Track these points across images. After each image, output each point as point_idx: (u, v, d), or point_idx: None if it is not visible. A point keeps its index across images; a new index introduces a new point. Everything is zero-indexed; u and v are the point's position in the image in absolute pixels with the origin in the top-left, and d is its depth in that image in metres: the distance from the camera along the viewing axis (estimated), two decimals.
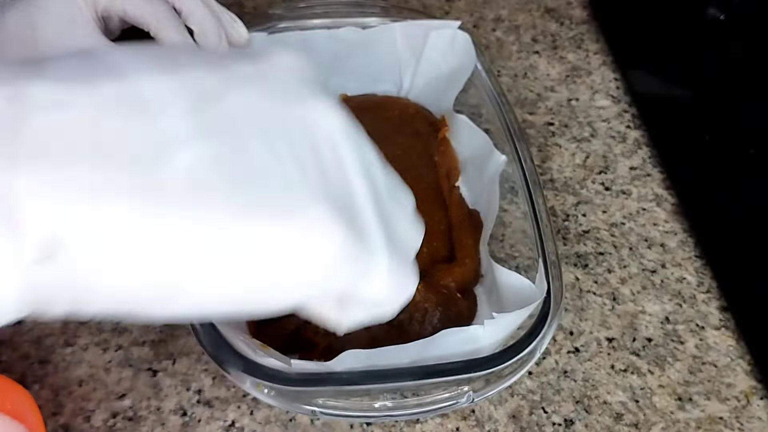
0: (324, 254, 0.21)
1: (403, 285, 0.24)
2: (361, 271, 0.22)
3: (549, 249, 0.37)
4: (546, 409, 0.38)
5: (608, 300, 0.43)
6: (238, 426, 0.37)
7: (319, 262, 0.21)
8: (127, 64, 0.21)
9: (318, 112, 0.23)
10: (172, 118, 0.20)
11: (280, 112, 0.22)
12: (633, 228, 0.47)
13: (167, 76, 0.21)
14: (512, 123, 0.43)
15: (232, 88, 0.21)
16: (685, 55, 0.57)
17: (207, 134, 0.20)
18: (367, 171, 0.23)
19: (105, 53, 0.21)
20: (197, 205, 0.19)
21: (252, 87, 0.22)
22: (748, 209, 0.47)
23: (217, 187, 0.20)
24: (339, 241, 0.21)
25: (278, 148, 0.21)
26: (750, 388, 0.39)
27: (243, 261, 0.20)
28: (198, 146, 0.20)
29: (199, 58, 0.23)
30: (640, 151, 0.51)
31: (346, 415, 0.34)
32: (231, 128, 0.21)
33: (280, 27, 0.48)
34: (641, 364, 0.40)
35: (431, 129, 0.48)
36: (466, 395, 0.33)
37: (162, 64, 0.21)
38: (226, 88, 0.21)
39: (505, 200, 0.41)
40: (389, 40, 0.48)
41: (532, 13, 0.62)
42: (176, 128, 0.20)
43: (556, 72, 0.57)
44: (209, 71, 0.22)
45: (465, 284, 0.40)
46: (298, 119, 0.22)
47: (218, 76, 0.22)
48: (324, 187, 0.21)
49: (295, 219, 0.20)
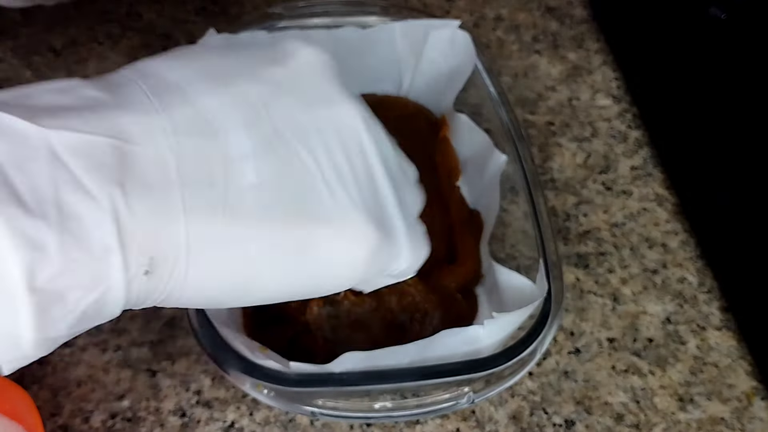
0: (362, 251, 0.24)
1: (420, 251, 0.28)
2: (392, 257, 0.26)
3: (550, 249, 0.37)
4: (547, 410, 0.38)
5: (609, 300, 0.43)
6: (238, 427, 0.37)
7: (359, 257, 0.25)
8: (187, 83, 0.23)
9: (344, 111, 0.26)
10: (236, 136, 0.23)
11: (316, 116, 0.25)
12: (634, 228, 0.47)
13: (221, 93, 0.23)
14: (513, 123, 0.43)
15: (273, 97, 0.24)
16: (686, 54, 0.57)
17: (265, 150, 0.23)
18: (385, 161, 0.26)
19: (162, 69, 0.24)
20: (264, 217, 0.22)
21: (288, 93, 0.25)
22: (749, 209, 0.47)
23: (278, 200, 0.23)
24: (374, 239, 0.25)
25: (319, 157, 0.24)
26: (751, 388, 0.39)
27: (300, 260, 0.24)
28: (259, 163, 0.23)
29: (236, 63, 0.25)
30: (641, 150, 0.51)
31: (346, 415, 0.33)
32: (281, 141, 0.23)
33: (279, 26, 0.48)
34: (642, 364, 0.40)
35: (431, 129, 0.48)
36: (467, 396, 0.33)
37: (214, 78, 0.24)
38: (267, 97, 0.24)
39: (506, 200, 0.41)
40: (389, 40, 0.48)
41: (532, 12, 0.62)
42: (240, 146, 0.23)
43: (556, 71, 0.56)
44: (249, 80, 0.24)
45: (465, 284, 0.40)
46: (329, 121, 0.25)
47: (258, 85, 0.24)
48: (358, 191, 0.25)
49: (339, 224, 0.24)
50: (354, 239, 0.24)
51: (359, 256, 0.25)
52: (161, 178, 0.21)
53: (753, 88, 0.54)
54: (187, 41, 0.56)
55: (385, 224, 0.25)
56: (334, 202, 0.24)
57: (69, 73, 0.54)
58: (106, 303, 0.21)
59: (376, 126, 0.27)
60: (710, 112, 0.53)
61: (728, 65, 0.56)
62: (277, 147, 0.23)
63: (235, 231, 0.22)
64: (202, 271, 0.22)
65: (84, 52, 0.55)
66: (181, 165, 0.21)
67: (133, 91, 0.23)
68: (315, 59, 0.26)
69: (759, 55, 0.56)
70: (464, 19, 0.60)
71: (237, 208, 0.22)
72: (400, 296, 0.38)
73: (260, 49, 0.27)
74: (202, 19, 0.58)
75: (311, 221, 0.23)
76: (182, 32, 0.57)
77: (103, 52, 0.55)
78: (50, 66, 0.54)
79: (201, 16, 0.59)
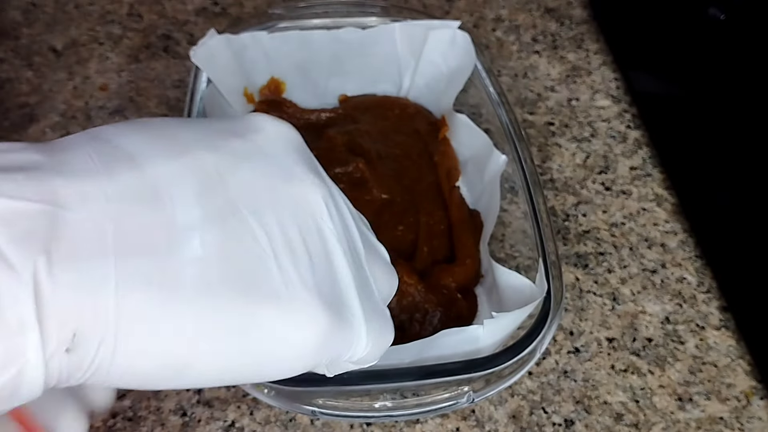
0: (311, 335, 0.23)
1: (382, 339, 0.26)
2: (346, 344, 0.24)
3: (549, 249, 0.37)
4: (546, 410, 0.38)
5: (608, 300, 0.43)
6: (238, 426, 0.37)
7: (307, 342, 0.23)
8: (138, 150, 0.22)
9: (305, 189, 0.24)
10: (184, 206, 0.21)
11: (274, 191, 0.23)
12: (633, 228, 0.47)
13: (174, 161, 0.22)
14: (512, 123, 0.43)
15: (231, 168, 0.23)
16: (686, 55, 0.57)
17: (213, 221, 0.21)
18: (348, 242, 0.25)
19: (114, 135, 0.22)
20: (206, 294, 0.21)
21: (247, 165, 0.23)
22: (748, 209, 0.47)
23: (224, 276, 0.21)
24: (325, 323, 0.23)
25: (273, 234, 0.23)
26: (750, 388, 0.39)
27: (243, 342, 0.22)
28: (206, 235, 0.21)
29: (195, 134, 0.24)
30: (640, 151, 0.51)
31: (346, 415, 0.34)
32: (234, 213, 0.22)
33: (280, 27, 0.48)
34: (641, 364, 0.40)
35: (431, 129, 0.48)
36: (466, 395, 0.33)
37: (168, 146, 0.22)
38: (225, 168, 0.23)
39: (505, 200, 0.41)
40: (389, 40, 0.48)
41: (532, 12, 0.62)
42: (187, 216, 0.21)
43: (556, 72, 0.57)
44: (207, 150, 0.23)
45: (465, 284, 0.40)
46: (289, 197, 0.24)
47: (217, 155, 0.23)
48: (312, 272, 0.23)
49: (287, 305, 0.22)
50: (303, 322, 0.22)
51: (308, 341, 0.23)
52: (94, 247, 0.19)
53: (752, 88, 0.54)
54: (187, 41, 0.57)
55: (340, 308, 0.24)
56: (283, 282, 0.22)
57: (70, 74, 0.54)
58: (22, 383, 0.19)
59: (340, 206, 0.26)
60: (709, 113, 0.53)
61: (727, 65, 0.56)
62: (228, 220, 0.22)
63: (171, 307, 0.20)
64: (133, 350, 0.20)
65: (85, 53, 0.55)
66: (118, 234, 0.20)
67: (77, 155, 0.21)
68: (281, 135, 0.25)
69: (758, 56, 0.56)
70: (464, 19, 0.60)
71: (176, 282, 0.20)
72: (400, 296, 0.38)
73: (224, 122, 0.26)
74: (203, 20, 0.59)
75: (257, 300, 0.22)
76: (182, 33, 0.58)
77: (104, 52, 0.56)
78: (51, 66, 0.54)
79: (201, 17, 0.59)
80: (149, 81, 0.54)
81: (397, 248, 0.41)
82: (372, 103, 0.50)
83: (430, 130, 0.48)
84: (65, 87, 0.53)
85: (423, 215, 0.43)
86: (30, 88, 0.53)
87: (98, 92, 0.53)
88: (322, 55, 0.48)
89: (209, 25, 0.42)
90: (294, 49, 0.48)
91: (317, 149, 0.45)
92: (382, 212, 0.43)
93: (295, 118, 0.49)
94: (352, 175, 0.44)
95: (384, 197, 0.43)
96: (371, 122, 0.48)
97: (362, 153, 0.45)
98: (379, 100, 0.50)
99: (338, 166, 0.44)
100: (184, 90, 0.45)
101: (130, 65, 0.55)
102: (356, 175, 0.44)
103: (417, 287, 0.38)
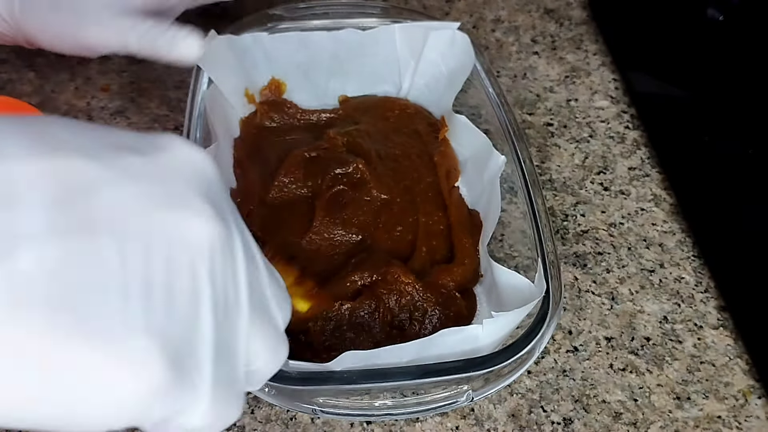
0: (138, 387, 0.19)
1: (227, 412, 0.23)
2: (179, 407, 0.21)
3: (548, 249, 0.37)
4: (545, 408, 0.38)
5: (607, 299, 0.43)
6: (239, 425, 0.37)
7: (132, 394, 0.19)
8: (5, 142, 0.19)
9: (190, 221, 0.21)
10: (31, 212, 0.18)
11: (148, 217, 0.20)
12: (632, 228, 0.47)
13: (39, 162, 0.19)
14: (511, 123, 0.43)
15: (109, 183, 0.20)
16: (684, 55, 0.57)
17: (59, 236, 0.18)
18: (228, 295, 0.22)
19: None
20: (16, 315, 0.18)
21: (131, 184, 0.20)
22: (746, 209, 0.47)
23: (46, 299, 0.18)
24: (157, 377, 0.20)
25: (131, 263, 0.19)
26: (748, 387, 0.40)
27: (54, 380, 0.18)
28: (48, 249, 0.18)
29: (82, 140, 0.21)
30: (638, 151, 0.52)
31: (347, 413, 0.34)
32: (88, 231, 0.19)
33: (280, 27, 0.49)
34: (640, 363, 0.40)
35: (431, 129, 0.49)
36: (466, 394, 0.34)
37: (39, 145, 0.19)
38: (103, 181, 0.20)
39: (505, 200, 0.42)
40: (389, 41, 0.49)
41: (531, 13, 0.62)
42: (32, 225, 0.18)
43: (555, 72, 0.57)
44: (88, 159, 0.20)
45: (464, 284, 0.40)
46: (166, 226, 0.20)
47: (100, 165, 0.20)
48: (165, 316, 0.20)
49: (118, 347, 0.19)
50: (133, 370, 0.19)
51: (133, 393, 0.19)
52: None
53: (750, 88, 0.55)
54: None
55: (185, 365, 0.20)
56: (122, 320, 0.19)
57: (72, 74, 0.54)
58: None
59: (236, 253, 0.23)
60: (708, 113, 0.53)
61: (726, 66, 0.56)
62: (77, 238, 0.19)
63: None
64: None
65: None
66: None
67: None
68: (189, 163, 0.22)
69: (756, 56, 0.56)
70: (463, 20, 0.60)
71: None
72: (400, 296, 0.38)
73: (131, 136, 0.23)
74: (203, 21, 0.59)
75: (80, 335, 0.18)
76: None
77: None
78: (53, 67, 0.54)
79: (202, 18, 0.59)
80: (151, 82, 0.54)
81: (396, 248, 0.42)
82: (372, 103, 0.50)
83: (429, 130, 0.49)
84: (67, 88, 0.53)
85: (422, 215, 0.44)
86: (32, 88, 0.53)
87: (100, 93, 0.53)
88: (322, 56, 0.49)
89: (210, 26, 0.42)
90: (294, 49, 0.48)
91: (317, 149, 0.45)
92: (382, 212, 0.43)
93: (295, 119, 0.49)
94: (352, 176, 0.44)
95: (383, 197, 0.44)
96: (371, 123, 0.49)
97: (362, 153, 0.45)
98: (379, 100, 0.51)
99: (338, 166, 0.44)
100: (185, 91, 0.45)
101: (131, 66, 0.55)
102: (356, 176, 0.44)
103: (415, 286, 0.38)
